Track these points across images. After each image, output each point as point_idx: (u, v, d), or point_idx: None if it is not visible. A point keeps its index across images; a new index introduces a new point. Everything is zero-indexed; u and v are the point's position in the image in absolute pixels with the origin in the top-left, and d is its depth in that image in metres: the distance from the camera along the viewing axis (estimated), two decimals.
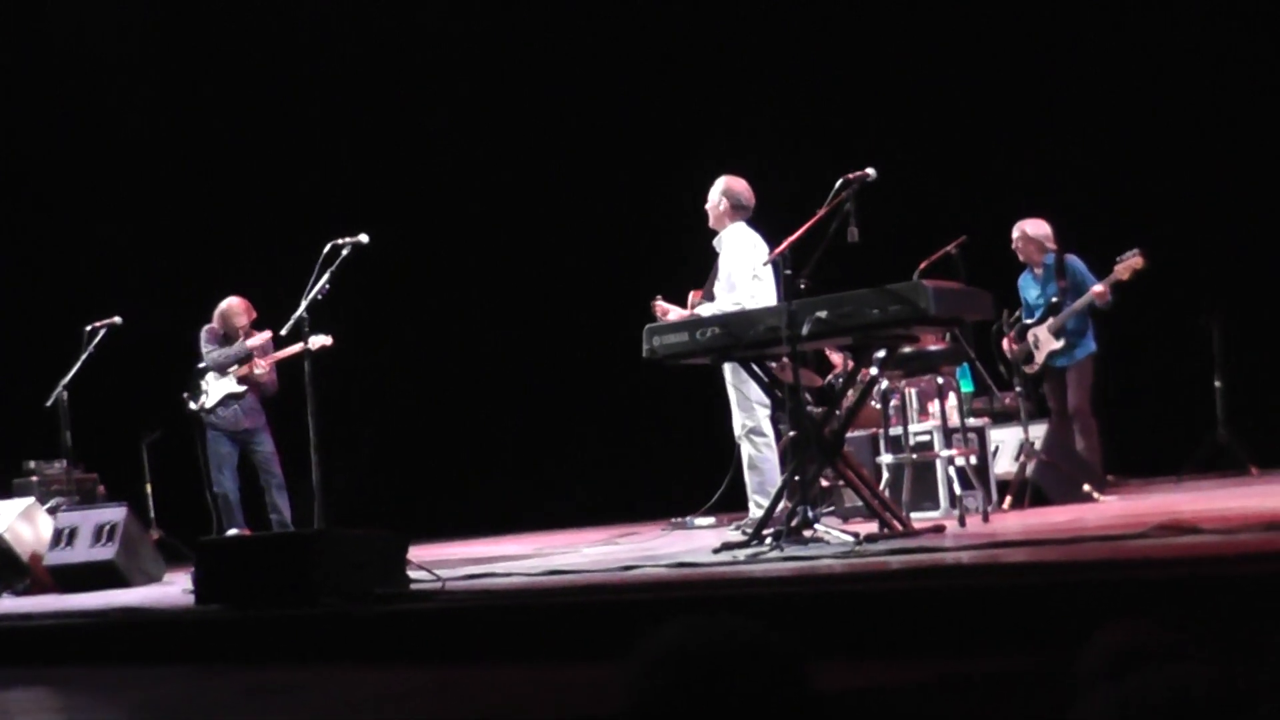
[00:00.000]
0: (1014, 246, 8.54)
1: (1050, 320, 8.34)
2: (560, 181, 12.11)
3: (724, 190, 7.62)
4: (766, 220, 7.54)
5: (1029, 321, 8.48)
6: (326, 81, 12.43)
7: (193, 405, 9.47)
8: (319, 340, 8.45)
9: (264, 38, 12.31)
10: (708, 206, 7.68)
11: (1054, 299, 8.34)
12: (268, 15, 12.29)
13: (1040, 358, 8.40)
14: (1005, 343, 8.35)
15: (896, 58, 10.77)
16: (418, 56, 12.47)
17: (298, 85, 12.39)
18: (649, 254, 10.80)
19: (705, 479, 8.74)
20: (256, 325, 9.52)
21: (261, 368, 9.39)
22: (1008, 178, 10.15)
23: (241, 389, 9.40)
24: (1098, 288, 8.10)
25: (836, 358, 9.40)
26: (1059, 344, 8.33)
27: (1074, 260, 8.38)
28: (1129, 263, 7.96)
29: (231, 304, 9.53)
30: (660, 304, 7.97)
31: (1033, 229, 8.47)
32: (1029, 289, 8.60)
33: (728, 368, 7.33)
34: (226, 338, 9.52)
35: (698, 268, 7.89)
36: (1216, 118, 9.84)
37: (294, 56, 12.30)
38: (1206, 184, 9.83)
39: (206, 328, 9.55)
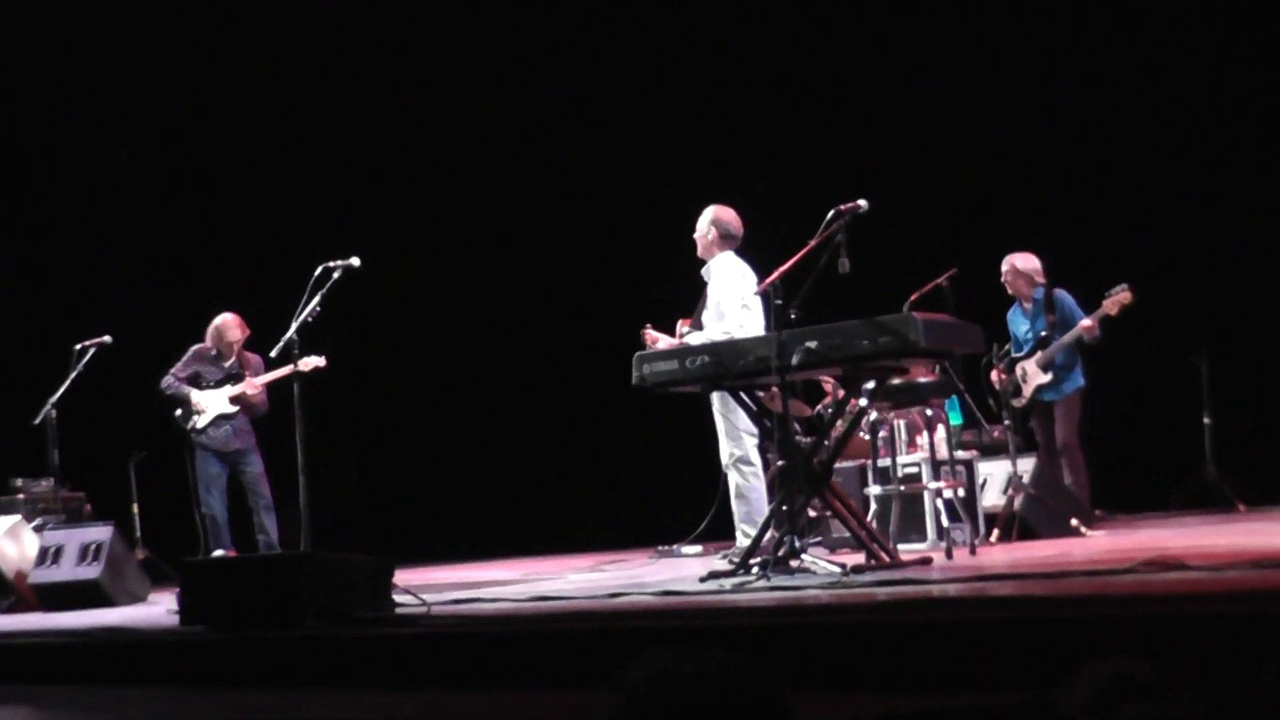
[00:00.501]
0: (1003, 280, 8.55)
1: (1039, 354, 8.36)
2: (548, 210, 12.12)
3: (713, 219, 7.63)
4: (756, 250, 7.56)
5: (1017, 355, 8.49)
6: (320, 95, 12.44)
7: (183, 421, 9.41)
8: (312, 361, 8.42)
9: (252, 48, 12.31)
10: (696, 236, 7.69)
11: (1043, 333, 8.36)
12: (254, 28, 12.28)
13: (1028, 391, 8.41)
14: (994, 376, 8.37)
15: (889, 90, 10.82)
16: (415, 69, 12.50)
17: (290, 98, 12.40)
18: (637, 282, 10.81)
19: (693, 507, 8.73)
20: (250, 343, 9.49)
21: (254, 389, 9.36)
22: (998, 211, 10.19)
23: (233, 409, 9.37)
24: (1086, 322, 8.12)
25: (830, 385, 9.39)
26: (1047, 378, 8.35)
27: (1063, 295, 8.40)
28: (1117, 298, 7.98)
29: (225, 320, 9.48)
30: (650, 332, 7.96)
31: (1022, 263, 8.49)
32: (1018, 323, 8.61)
33: (715, 397, 7.33)
34: (219, 355, 9.48)
35: (687, 296, 7.90)
36: (1206, 153, 9.89)
37: (285, 67, 12.31)
38: (1195, 220, 9.87)
39: (196, 346, 9.52)
